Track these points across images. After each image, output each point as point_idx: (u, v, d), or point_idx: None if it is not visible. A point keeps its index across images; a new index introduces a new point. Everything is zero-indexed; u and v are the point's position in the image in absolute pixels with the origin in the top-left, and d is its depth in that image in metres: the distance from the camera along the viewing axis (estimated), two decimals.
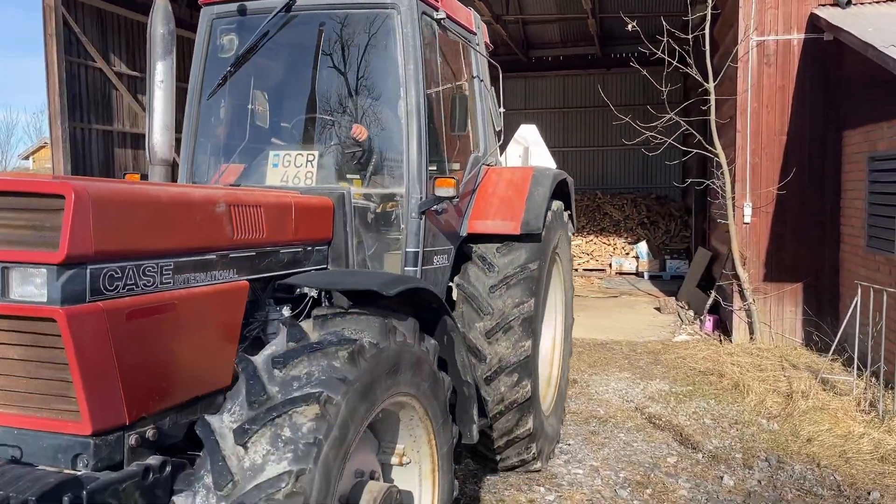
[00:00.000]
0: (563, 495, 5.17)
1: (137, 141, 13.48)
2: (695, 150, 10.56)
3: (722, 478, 5.49)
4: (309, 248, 3.86)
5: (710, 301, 10.90)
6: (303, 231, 3.75)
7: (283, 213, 3.58)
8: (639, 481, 5.43)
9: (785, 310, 9.76)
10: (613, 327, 11.23)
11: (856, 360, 7.05)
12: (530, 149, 6.86)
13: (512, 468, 5.30)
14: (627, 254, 17.83)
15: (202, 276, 3.00)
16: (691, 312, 12.04)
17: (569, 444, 6.20)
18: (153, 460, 2.68)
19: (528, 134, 7.00)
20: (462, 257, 4.96)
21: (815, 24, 9.37)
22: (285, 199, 3.67)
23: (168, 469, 2.70)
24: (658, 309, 12.79)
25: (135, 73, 13.26)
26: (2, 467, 2.49)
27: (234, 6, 4.55)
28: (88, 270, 2.48)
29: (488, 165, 5.38)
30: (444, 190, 4.20)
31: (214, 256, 3.06)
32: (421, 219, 4.23)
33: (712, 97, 9.67)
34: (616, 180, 21.14)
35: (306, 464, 2.36)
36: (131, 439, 2.66)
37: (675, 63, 9.66)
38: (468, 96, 4.79)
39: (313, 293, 3.77)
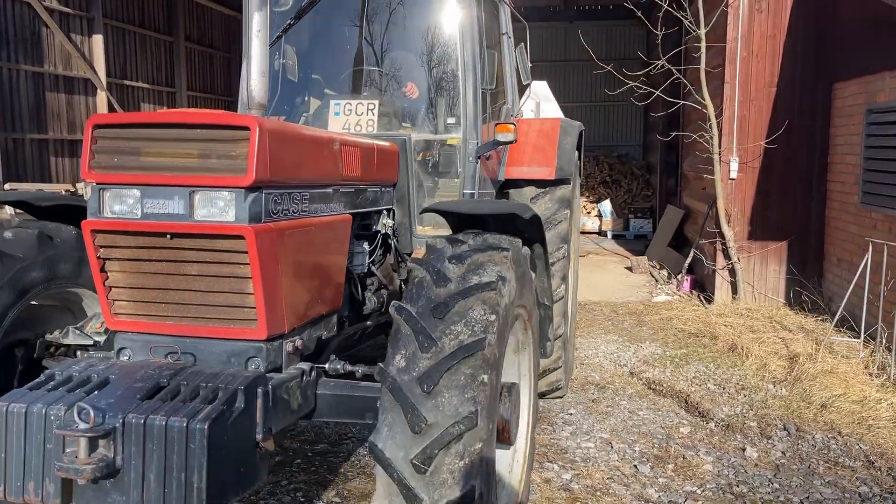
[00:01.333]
0: (581, 473, 4.66)
1: (72, 85, 12.29)
2: (681, 102, 10.07)
3: (744, 449, 5.07)
4: (383, 189, 4.16)
5: (688, 260, 10.53)
6: (381, 173, 4.05)
7: (369, 156, 3.87)
8: (657, 455, 4.96)
9: (769, 269, 9.43)
10: (588, 287, 10.76)
11: (863, 322, 6.72)
12: (541, 104, 6.89)
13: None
14: (590, 213, 17.45)
15: (324, 207, 3.34)
16: (665, 272, 11.68)
17: (570, 414, 5.71)
18: (304, 365, 3.09)
19: (540, 89, 7.06)
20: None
21: None
22: (369, 143, 3.96)
23: (314, 374, 3.13)
24: (629, 269, 12.40)
25: (67, 10, 12.04)
26: (192, 368, 2.79)
27: None
28: (264, 194, 2.77)
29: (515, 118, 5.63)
30: (505, 135, 4.44)
31: (331, 190, 3.43)
32: (477, 163, 4.54)
33: (703, 45, 9.14)
34: None
35: (489, 341, 2.69)
36: (288, 346, 3.02)
37: (665, 6, 9.08)
38: (498, 52, 5.14)
39: (386, 230, 4.23)
